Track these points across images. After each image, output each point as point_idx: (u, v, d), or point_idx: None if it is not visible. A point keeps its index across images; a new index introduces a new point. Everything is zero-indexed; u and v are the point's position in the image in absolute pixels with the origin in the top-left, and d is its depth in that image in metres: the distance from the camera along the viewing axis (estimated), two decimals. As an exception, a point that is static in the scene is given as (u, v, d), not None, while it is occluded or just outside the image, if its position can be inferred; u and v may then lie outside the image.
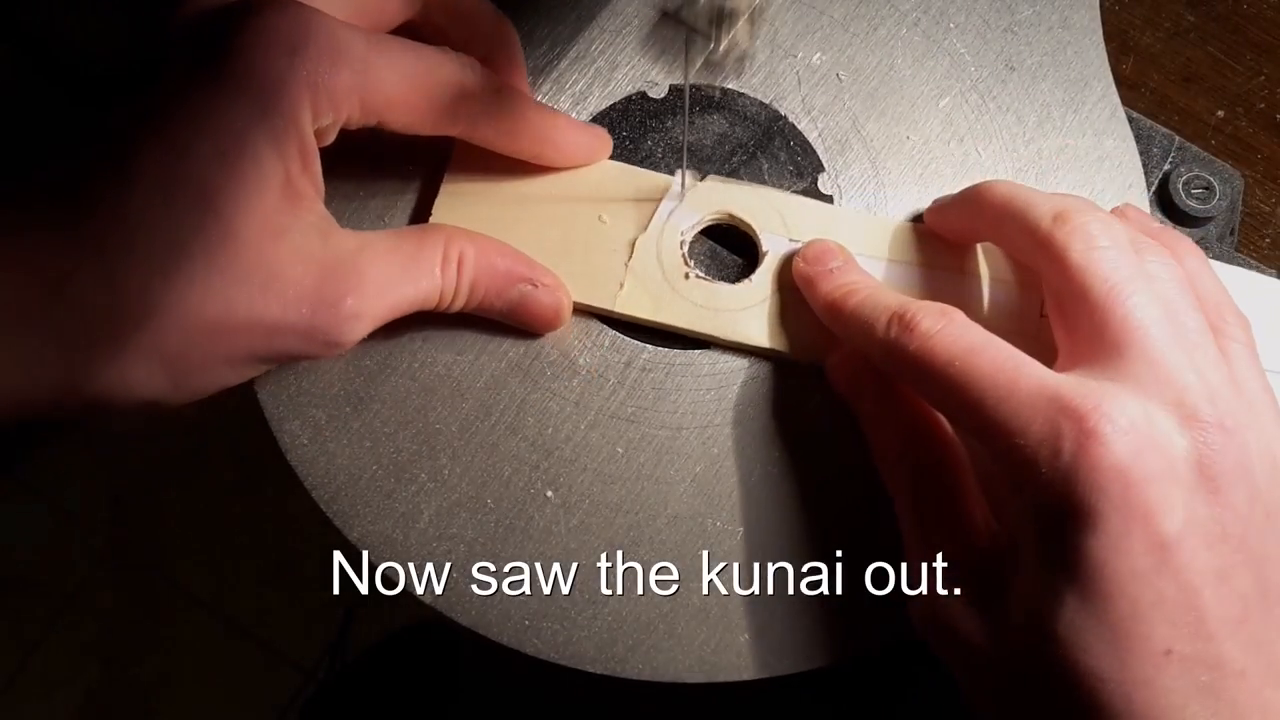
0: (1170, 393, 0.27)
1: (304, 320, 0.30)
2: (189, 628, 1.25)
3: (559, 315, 0.35)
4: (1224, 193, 0.40)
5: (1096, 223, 0.30)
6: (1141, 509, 0.25)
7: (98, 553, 1.27)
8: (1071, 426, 0.26)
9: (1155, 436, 0.26)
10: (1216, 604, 0.26)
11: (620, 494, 0.35)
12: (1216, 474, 0.26)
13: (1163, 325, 0.28)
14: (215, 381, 0.31)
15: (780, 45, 0.39)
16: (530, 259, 0.35)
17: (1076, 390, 0.27)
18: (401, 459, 0.35)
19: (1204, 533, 0.26)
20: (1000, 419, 0.27)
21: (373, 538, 0.34)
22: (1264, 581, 0.26)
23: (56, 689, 1.23)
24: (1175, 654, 0.25)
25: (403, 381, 0.36)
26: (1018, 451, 0.27)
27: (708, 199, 0.37)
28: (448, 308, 0.34)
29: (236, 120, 0.29)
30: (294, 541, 1.23)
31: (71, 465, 1.29)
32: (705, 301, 0.36)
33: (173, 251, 0.29)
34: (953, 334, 0.29)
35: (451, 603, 0.34)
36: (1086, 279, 0.29)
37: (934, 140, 0.38)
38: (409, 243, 0.33)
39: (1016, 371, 0.27)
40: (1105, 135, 0.38)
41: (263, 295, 0.30)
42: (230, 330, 0.30)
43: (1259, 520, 0.27)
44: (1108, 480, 0.25)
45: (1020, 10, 0.39)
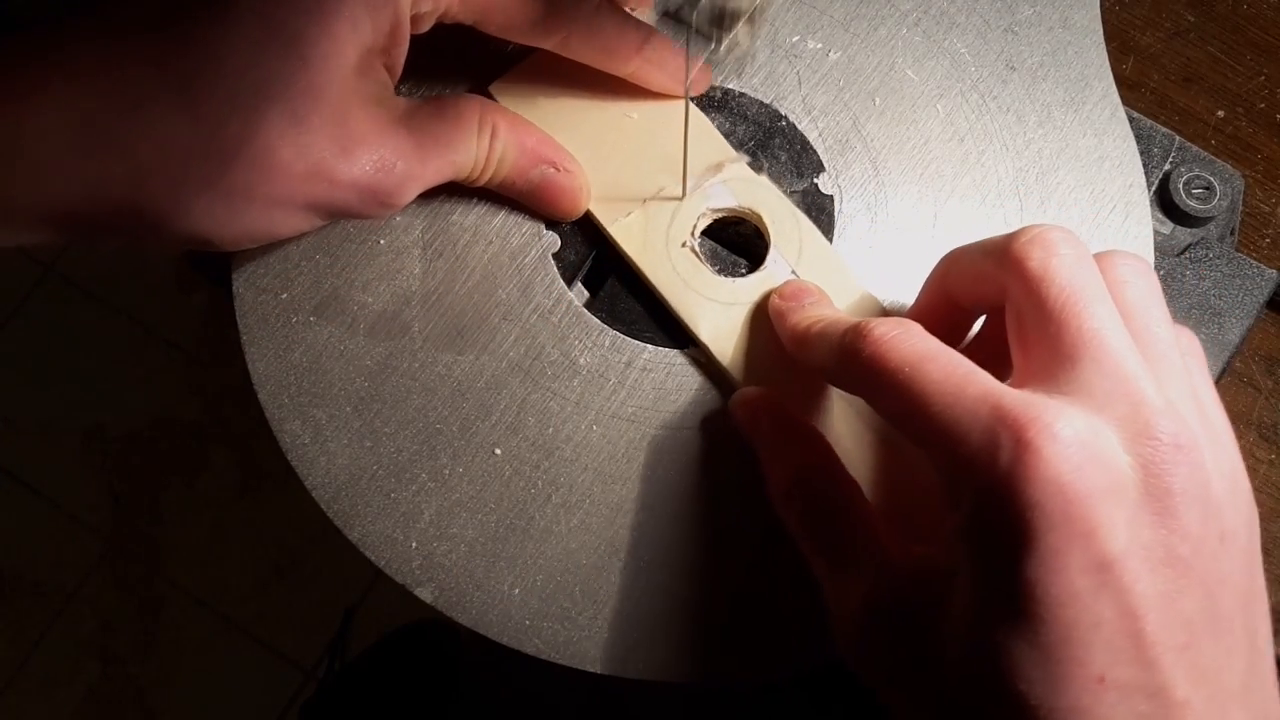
0: (1125, 405, 0.25)
1: (366, 177, 0.32)
2: (190, 627, 1.25)
3: (577, 201, 0.36)
4: (1224, 193, 0.40)
5: (1058, 232, 0.28)
6: (1081, 527, 0.24)
7: (98, 553, 1.27)
8: (1009, 437, 0.25)
9: (1100, 452, 0.25)
10: (1160, 629, 0.24)
11: (620, 494, 0.35)
12: (1167, 493, 0.25)
13: (1121, 334, 0.27)
14: (268, 226, 0.32)
15: (781, 45, 0.39)
16: (557, 143, 0.36)
17: (1019, 401, 0.25)
18: (402, 459, 0.35)
19: (1149, 555, 0.24)
20: (941, 425, 0.26)
21: (373, 538, 0.34)
22: (1213, 607, 0.25)
23: (56, 688, 1.23)
24: (1111, 680, 0.24)
25: (403, 381, 0.36)
26: (956, 461, 0.26)
27: (751, 192, 0.37)
28: (476, 180, 0.35)
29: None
30: (294, 541, 1.24)
31: (71, 465, 1.29)
32: (685, 275, 0.36)
33: (256, 93, 0.30)
34: (906, 341, 0.28)
35: (451, 603, 0.34)
36: (1043, 287, 0.27)
37: (934, 140, 0.38)
38: (450, 110, 0.34)
39: (965, 379, 0.26)
40: (1106, 135, 0.38)
41: (332, 148, 0.31)
42: (296, 176, 0.31)
43: (1211, 543, 0.25)
44: (1044, 496, 0.24)
45: (1021, 10, 0.39)
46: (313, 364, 0.36)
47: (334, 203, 0.32)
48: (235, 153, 0.30)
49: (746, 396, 0.34)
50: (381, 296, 0.36)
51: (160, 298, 1.31)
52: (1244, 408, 0.45)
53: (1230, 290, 0.40)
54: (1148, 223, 0.37)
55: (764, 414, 0.33)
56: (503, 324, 0.36)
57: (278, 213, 0.32)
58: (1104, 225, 0.37)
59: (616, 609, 0.34)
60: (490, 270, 0.37)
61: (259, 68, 0.30)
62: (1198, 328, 0.40)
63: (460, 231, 0.37)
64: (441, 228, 0.37)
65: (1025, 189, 0.38)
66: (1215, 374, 0.39)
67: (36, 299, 1.34)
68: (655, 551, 0.34)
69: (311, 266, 0.37)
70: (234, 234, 0.32)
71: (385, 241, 0.37)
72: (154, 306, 1.31)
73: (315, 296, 0.36)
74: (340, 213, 0.33)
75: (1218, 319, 0.40)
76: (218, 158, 0.30)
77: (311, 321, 0.36)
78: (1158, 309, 0.28)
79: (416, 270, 0.37)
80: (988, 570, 0.25)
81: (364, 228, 0.37)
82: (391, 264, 0.37)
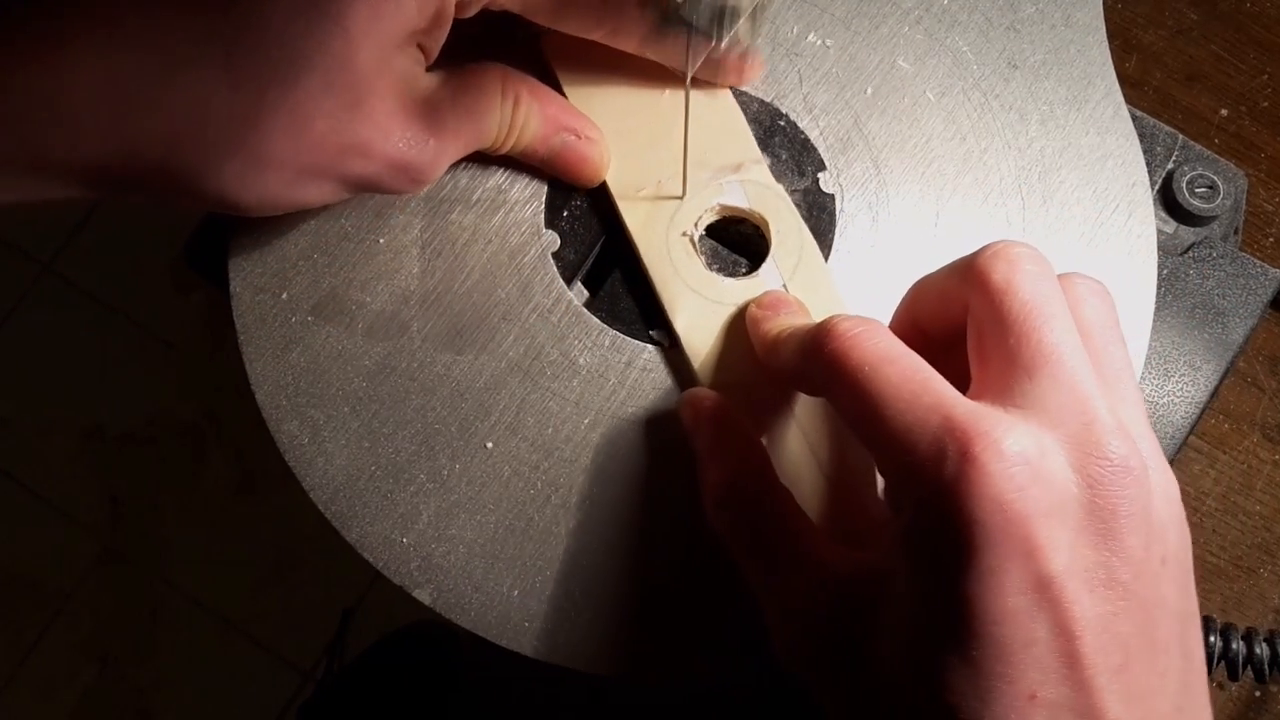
0: (1077, 423, 0.25)
1: (398, 153, 0.32)
2: (188, 628, 1.24)
3: (597, 169, 0.36)
4: (1227, 192, 0.40)
5: (1022, 248, 0.28)
6: (1021, 546, 0.24)
7: (98, 553, 1.27)
8: (955, 450, 0.24)
9: (1045, 471, 0.24)
10: (1095, 651, 0.24)
11: (620, 494, 0.34)
12: (1113, 515, 0.25)
13: (1080, 351, 0.26)
14: (299, 195, 0.32)
15: (781, 43, 0.39)
16: (577, 111, 0.36)
17: (969, 413, 0.25)
18: (401, 459, 0.35)
19: (1090, 576, 0.24)
20: (892, 431, 0.26)
21: (371, 539, 0.34)
22: (1151, 630, 0.25)
23: (55, 689, 1.23)
24: (1041, 700, 0.24)
25: (401, 382, 0.35)
26: (902, 468, 0.26)
27: (763, 197, 0.36)
28: (499, 148, 0.35)
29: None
30: (293, 542, 1.23)
31: (71, 465, 1.29)
32: (677, 262, 0.35)
33: (296, 63, 0.30)
34: (869, 340, 0.27)
35: (450, 604, 0.34)
36: (1006, 301, 0.27)
37: (936, 138, 0.38)
38: (474, 81, 0.34)
39: (922, 386, 0.26)
40: (1108, 134, 0.38)
41: (366, 122, 0.31)
42: (330, 148, 0.31)
43: (1154, 566, 0.25)
44: (985, 512, 0.24)
45: (1023, 8, 0.39)
46: (311, 364, 0.35)
47: (365, 176, 0.32)
48: (271, 121, 0.30)
49: (693, 398, 0.33)
50: (380, 296, 0.36)
51: (159, 298, 1.30)
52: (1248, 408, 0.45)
53: (1234, 290, 0.40)
54: (1151, 222, 0.37)
55: (706, 417, 0.33)
56: (502, 324, 0.36)
57: (308, 183, 0.32)
58: (1107, 224, 0.37)
59: (617, 610, 0.33)
60: (489, 270, 0.36)
61: (301, 38, 0.30)
62: (1201, 328, 0.39)
63: (459, 231, 0.37)
64: (440, 227, 0.37)
65: (1027, 188, 0.37)
66: (1219, 374, 0.39)
67: (35, 299, 1.33)
68: (655, 553, 0.34)
69: (309, 266, 0.36)
70: (263, 200, 0.32)
71: (384, 241, 0.37)
72: (152, 306, 1.31)
73: (313, 296, 0.36)
74: (370, 186, 0.33)
75: (1221, 319, 0.39)
76: (254, 124, 0.30)
77: (309, 321, 0.36)
78: (1114, 330, 0.28)
79: (415, 270, 0.36)
80: (925, 581, 0.25)
81: (362, 227, 0.37)
82: (390, 263, 0.36)
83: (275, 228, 0.37)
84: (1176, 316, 0.40)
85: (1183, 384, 0.39)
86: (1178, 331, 0.39)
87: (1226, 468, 0.45)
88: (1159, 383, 0.39)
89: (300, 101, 0.30)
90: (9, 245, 1.34)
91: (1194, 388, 0.39)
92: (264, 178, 0.31)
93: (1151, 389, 0.39)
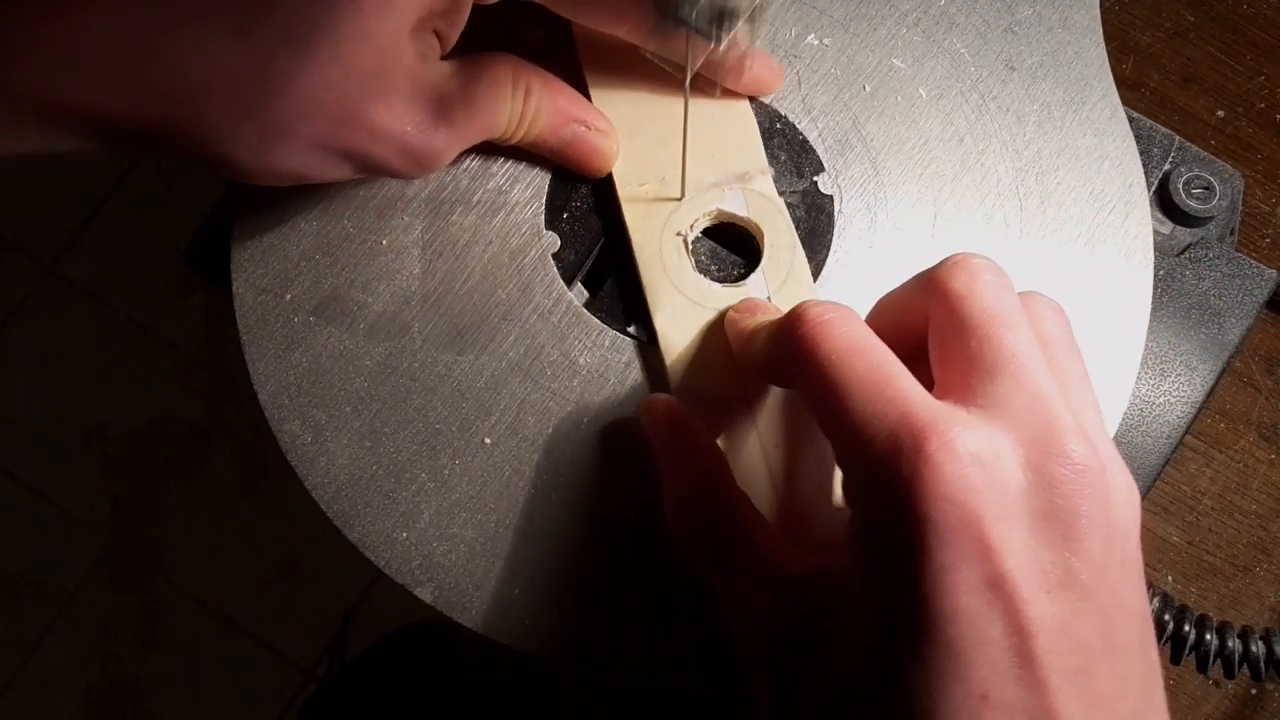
0: (1038, 424, 0.25)
1: (406, 136, 0.32)
2: (190, 627, 1.25)
3: (606, 160, 0.36)
4: (1224, 192, 0.40)
5: (981, 259, 0.28)
6: (974, 545, 0.24)
7: (98, 553, 1.27)
8: (911, 446, 0.24)
9: (1002, 472, 0.24)
10: (1051, 653, 0.24)
11: (621, 493, 0.34)
12: (1073, 516, 0.24)
13: (1039, 360, 0.26)
14: (302, 167, 0.32)
15: (780, 45, 0.39)
16: (588, 102, 0.36)
17: (927, 411, 0.25)
18: (401, 459, 0.35)
19: (1047, 577, 0.24)
20: (852, 424, 0.26)
21: (373, 538, 0.34)
22: (1111, 633, 0.25)
23: (56, 689, 1.23)
24: (994, 700, 0.23)
25: (403, 381, 0.36)
26: (858, 462, 0.26)
27: (763, 210, 0.36)
28: (509, 138, 0.35)
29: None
30: (294, 541, 1.24)
31: (71, 465, 1.29)
32: (666, 260, 0.36)
33: (308, 31, 0.30)
34: (838, 328, 0.27)
35: (451, 603, 0.34)
36: (966, 307, 0.27)
37: (934, 140, 0.38)
38: (486, 70, 0.34)
39: (887, 381, 0.26)
40: (1105, 135, 0.38)
41: (374, 100, 0.31)
42: (336, 121, 0.31)
43: (1114, 569, 0.25)
44: (939, 511, 0.24)
45: (1020, 10, 0.39)
46: (313, 364, 0.36)
47: (371, 156, 0.32)
48: (279, 87, 0.30)
49: (652, 404, 0.33)
50: (381, 297, 0.36)
51: (160, 298, 1.31)
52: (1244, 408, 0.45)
53: (1230, 290, 0.40)
54: (1147, 223, 0.37)
55: (664, 424, 0.33)
56: (502, 324, 0.36)
57: (313, 155, 0.32)
58: (1103, 225, 0.37)
59: (617, 609, 0.34)
60: (490, 270, 0.37)
61: (315, 6, 0.30)
62: (1197, 328, 0.40)
63: (460, 231, 0.37)
64: (441, 228, 0.37)
65: (1025, 189, 0.38)
66: (1215, 374, 0.39)
67: (36, 299, 1.34)
68: (655, 553, 0.34)
69: (311, 267, 0.37)
70: (267, 168, 0.32)
71: (385, 242, 0.37)
72: (154, 306, 1.31)
73: (315, 297, 0.36)
74: (377, 168, 0.33)
75: (1217, 319, 0.40)
76: (261, 89, 0.30)
77: (311, 322, 0.36)
78: (1072, 344, 0.28)
79: (416, 270, 0.37)
80: (878, 580, 0.25)
81: (364, 228, 0.37)
82: (391, 264, 0.37)
83: (277, 228, 0.37)
84: (1173, 317, 0.40)
85: (1179, 384, 0.39)
86: (1174, 331, 0.40)
87: (1223, 467, 0.45)
88: (1155, 382, 0.39)
89: (310, 71, 0.30)
90: (12, 246, 1.34)
91: (1190, 387, 0.39)
92: (268, 145, 0.31)
93: (1148, 388, 0.39)
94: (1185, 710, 0.44)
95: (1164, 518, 0.45)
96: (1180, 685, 0.44)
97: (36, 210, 1.33)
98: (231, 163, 0.31)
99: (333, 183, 0.37)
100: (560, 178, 0.38)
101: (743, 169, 0.37)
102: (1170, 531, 0.45)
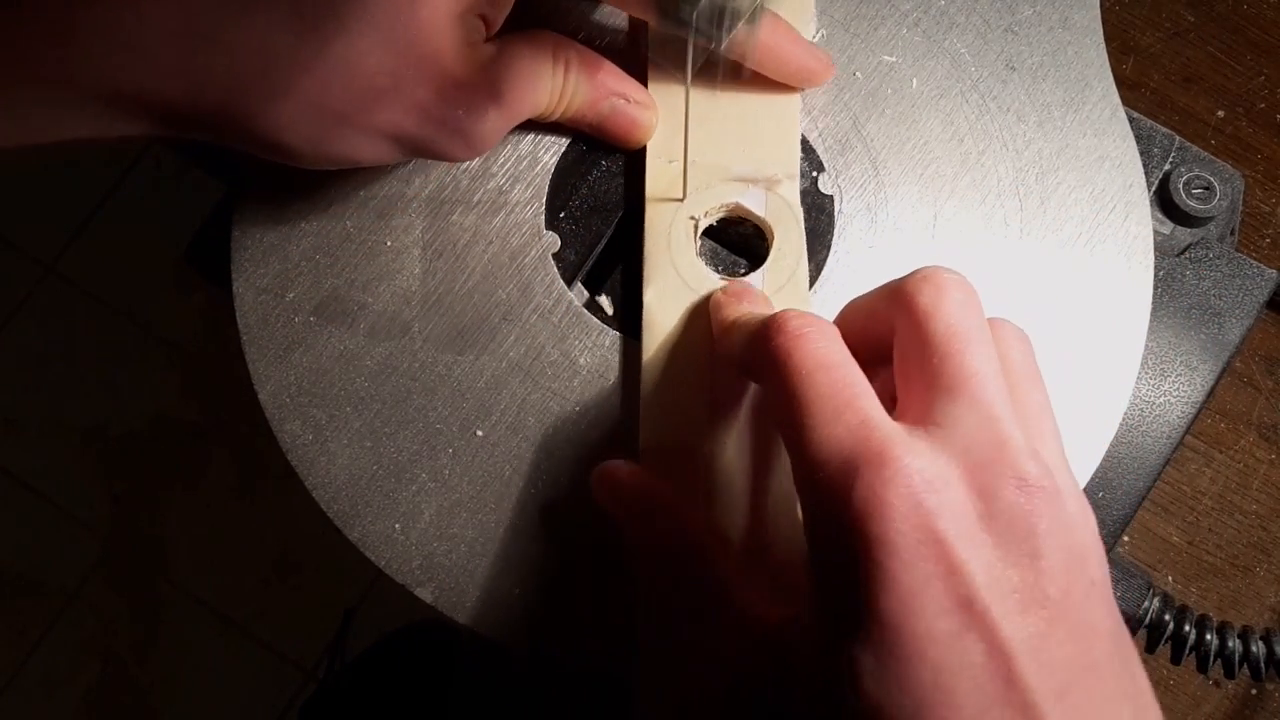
0: (992, 446, 0.25)
1: (458, 120, 0.32)
2: (190, 627, 1.25)
3: (645, 131, 0.37)
4: (1224, 193, 0.40)
5: (950, 274, 0.28)
6: (940, 566, 0.23)
7: (98, 553, 1.27)
8: (868, 472, 0.24)
9: (957, 494, 0.24)
10: (1033, 674, 0.23)
11: (620, 494, 0.34)
12: (1031, 534, 0.24)
13: (999, 379, 0.26)
14: (353, 151, 0.32)
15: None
16: (627, 75, 0.37)
17: (884, 434, 0.25)
18: (402, 459, 0.35)
19: (1015, 597, 0.24)
20: (810, 444, 0.25)
21: (373, 538, 0.34)
22: (1089, 652, 0.24)
23: (56, 689, 1.23)
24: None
25: (403, 381, 0.36)
26: (814, 486, 0.25)
27: (780, 214, 0.36)
28: (550, 115, 0.36)
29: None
30: (294, 541, 1.24)
31: (71, 465, 1.29)
32: (672, 239, 0.36)
33: (362, 17, 0.30)
34: (812, 344, 0.27)
35: (451, 603, 0.34)
36: (930, 324, 0.27)
37: (934, 140, 0.38)
38: (527, 49, 0.34)
39: (849, 403, 0.26)
40: (1106, 135, 0.38)
41: (426, 83, 0.32)
42: (391, 107, 0.31)
43: (1081, 587, 0.25)
44: (897, 533, 0.23)
45: (1021, 10, 0.39)
46: (313, 364, 0.36)
47: (424, 139, 0.32)
48: (334, 73, 0.30)
49: (609, 473, 0.32)
50: (382, 297, 0.36)
51: (160, 298, 1.31)
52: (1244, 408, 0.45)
53: (1230, 290, 0.40)
54: (1148, 223, 0.37)
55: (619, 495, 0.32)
56: (503, 324, 0.36)
57: (367, 140, 0.32)
58: (1104, 225, 0.37)
59: (616, 610, 0.34)
60: (490, 270, 0.37)
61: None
62: (1197, 328, 0.40)
63: (460, 231, 0.37)
64: (442, 228, 0.37)
65: (1025, 189, 0.38)
66: (1215, 374, 0.39)
67: (36, 299, 1.34)
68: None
69: (312, 267, 0.37)
70: (319, 152, 0.32)
71: (386, 242, 0.37)
72: (154, 306, 1.31)
73: (315, 296, 0.36)
74: (429, 151, 0.33)
75: (1218, 319, 0.40)
76: (317, 75, 0.30)
77: (312, 322, 0.36)
78: (1035, 374, 0.28)
79: (417, 271, 0.37)
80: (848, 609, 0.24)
81: (364, 227, 0.37)
82: (392, 264, 0.37)
83: (277, 228, 0.37)
84: (1173, 317, 0.40)
85: (1179, 384, 0.39)
86: (1174, 332, 0.40)
87: (1223, 467, 0.45)
88: (1155, 382, 0.39)
89: (363, 56, 0.30)
90: (11, 246, 1.34)
91: (1190, 388, 0.39)
92: (322, 129, 0.31)
93: (1148, 389, 0.39)
94: (1185, 710, 0.44)
95: (1164, 518, 0.45)
96: (1180, 685, 0.44)
97: (36, 210, 1.33)
98: (287, 148, 0.32)
99: (335, 182, 0.37)
100: (561, 177, 0.38)
101: (772, 170, 0.37)
102: (1170, 532, 0.45)
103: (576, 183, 0.38)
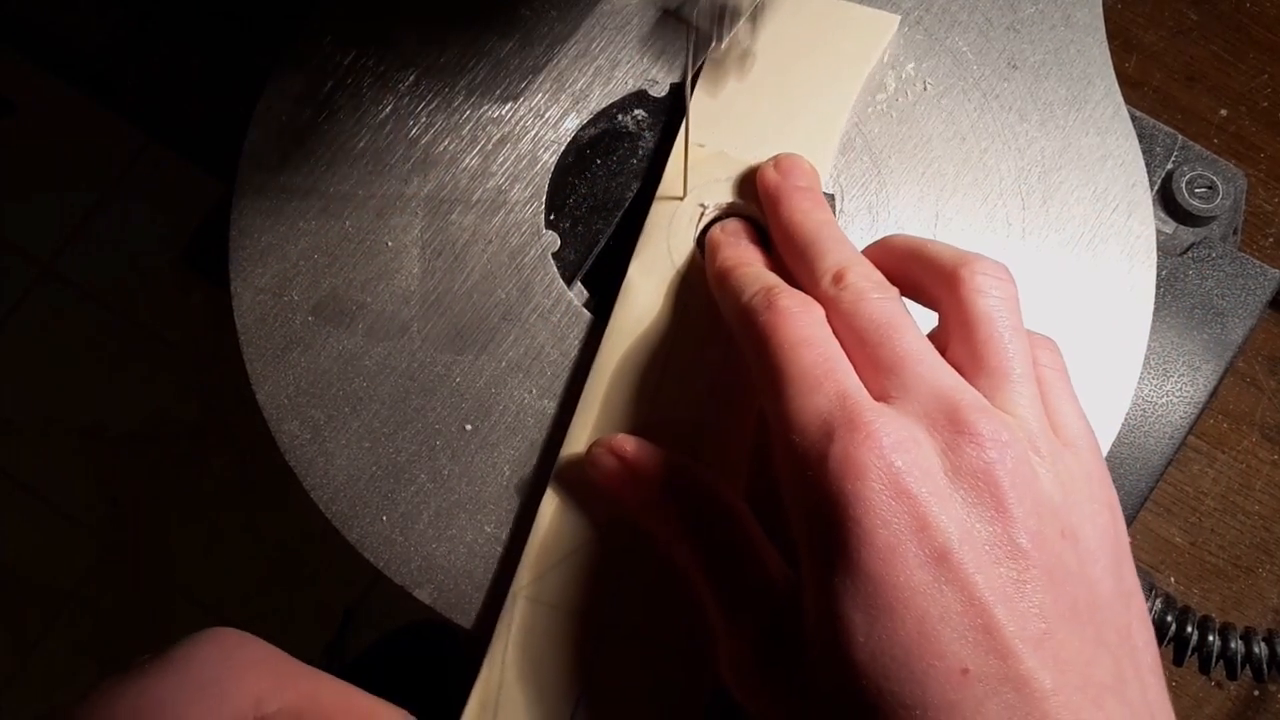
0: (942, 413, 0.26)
1: None
2: (189, 628, 1.24)
3: None
4: (1227, 192, 0.40)
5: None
6: (913, 522, 0.24)
7: (98, 553, 1.27)
8: (843, 435, 0.25)
9: (925, 453, 0.26)
10: (1010, 620, 0.24)
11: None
12: (995, 487, 0.25)
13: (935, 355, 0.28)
14: None
15: (781, 44, 0.39)
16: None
17: (858, 402, 0.26)
18: (401, 459, 0.35)
19: (987, 547, 0.25)
20: (790, 412, 0.27)
21: (372, 538, 0.34)
22: (1065, 599, 0.25)
23: (55, 689, 1.23)
24: (974, 673, 0.24)
25: (402, 381, 0.35)
26: (793, 449, 0.26)
27: None
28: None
29: None
30: (293, 542, 1.24)
31: (71, 465, 1.29)
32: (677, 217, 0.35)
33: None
34: (800, 322, 0.28)
35: (450, 604, 0.34)
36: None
37: (935, 139, 0.38)
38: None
39: (829, 375, 0.27)
40: (1108, 134, 0.38)
41: None
42: None
43: (1051, 537, 0.25)
44: (871, 490, 0.25)
45: (1023, 8, 0.39)
46: (311, 364, 0.36)
47: None
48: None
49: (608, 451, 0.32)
50: (380, 297, 0.36)
51: (160, 298, 1.31)
52: (1247, 408, 0.45)
53: (1233, 290, 0.40)
54: (1150, 222, 0.37)
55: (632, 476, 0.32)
56: (502, 324, 0.36)
57: None
58: (1106, 224, 0.37)
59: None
60: (490, 270, 0.36)
61: None
62: (1200, 328, 0.39)
63: (459, 231, 0.37)
64: (441, 228, 0.37)
65: (1027, 188, 0.37)
66: (1218, 374, 0.39)
67: (35, 299, 1.34)
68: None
69: (310, 267, 0.36)
70: None
71: (384, 242, 0.37)
72: (153, 306, 1.31)
73: (314, 297, 0.36)
74: None
75: (1220, 319, 0.39)
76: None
77: (310, 322, 0.36)
78: (1010, 318, 0.29)
79: (415, 270, 0.36)
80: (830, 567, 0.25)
81: (363, 227, 0.37)
82: (390, 264, 0.36)
83: (276, 228, 0.37)
84: (1176, 316, 0.40)
85: (1182, 384, 0.39)
86: (1177, 331, 0.39)
87: (1225, 467, 0.45)
88: (1158, 383, 0.39)
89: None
90: (9, 245, 1.34)
91: (1193, 388, 0.39)
92: None
93: (1150, 389, 0.39)
94: (1188, 711, 0.44)
95: (1167, 519, 0.45)
96: (1183, 687, 0.44)
97: (36, 210, 1.33)
98: None
99: (334, 182, 0.37)
100: (560, 176, 0.37)
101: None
102: (1173, 532, 0.45)
103: (576, 182, 0.37)
